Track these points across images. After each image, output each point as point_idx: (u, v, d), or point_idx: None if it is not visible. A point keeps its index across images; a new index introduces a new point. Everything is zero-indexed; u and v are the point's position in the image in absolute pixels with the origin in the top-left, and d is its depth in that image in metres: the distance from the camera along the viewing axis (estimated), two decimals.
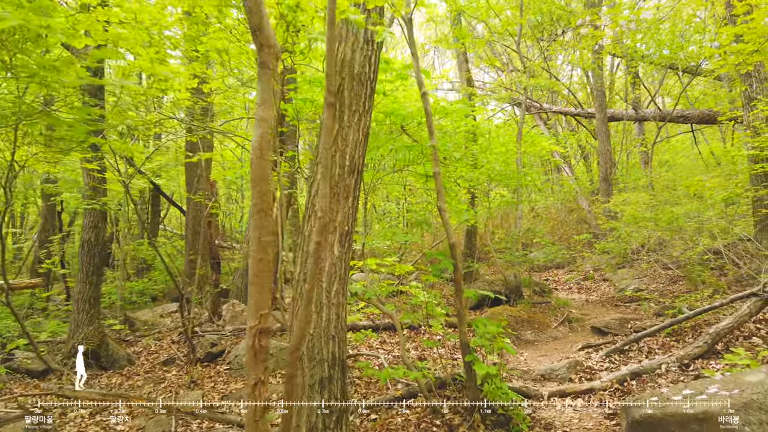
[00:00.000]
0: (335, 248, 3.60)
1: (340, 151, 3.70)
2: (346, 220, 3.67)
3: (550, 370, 6.21)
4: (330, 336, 3.49)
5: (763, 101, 8.29)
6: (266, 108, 1.84)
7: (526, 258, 9.99)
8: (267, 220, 1.76)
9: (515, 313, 8.10)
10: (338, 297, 3.57)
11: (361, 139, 3.77)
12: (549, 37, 13.25)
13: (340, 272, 3.60)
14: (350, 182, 3.71)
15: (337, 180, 3.67)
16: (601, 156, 12.96)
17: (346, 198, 3.68)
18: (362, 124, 3.77)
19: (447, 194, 6.09)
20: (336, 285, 3.57)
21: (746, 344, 6.12)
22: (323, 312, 3.50)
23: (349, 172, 3.71)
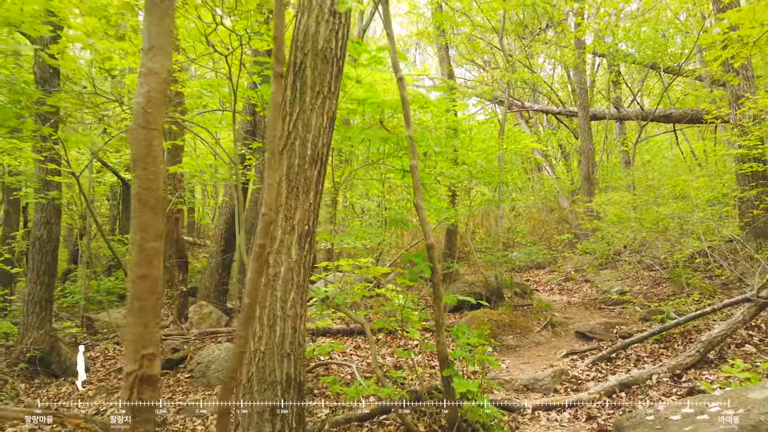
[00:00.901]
0: (293, 251, 3.06)
1: (300, 138, 3.15)
2: (307, 218, 3.13)
3: (534, 380, 5.75)
4: (284, 354, 2.94)
5: (751, 99, 7.95)
6: (156, 56, 1.29)
7: (508, 258, 9.55)
8: (154, 218, 1.22)
9: (496, 316, 7.64)
10: (295, 308, 3.03)
11: (325, 125, 3.23)
12: (532, 31, 12.84)
13: (298, 279, 3.06)
14: (311, 174, 3.16)
15: (296, 171, 3.13)
16: (582, 154, 12.61)
17: (307, 192, 3.14)
18: (327, 107, 3.23)
19: (426, 191, 5.59)
20: (293, 294, 3.02)
21: (739, 353, 5.75)
22: (277, 326, 2.95)
23: (310, 162, 3.16)
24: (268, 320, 2.95)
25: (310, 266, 3.17)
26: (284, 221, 3.07)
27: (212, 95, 5.12)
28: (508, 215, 15.47)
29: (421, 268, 4.05)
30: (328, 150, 3.30)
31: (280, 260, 3.02)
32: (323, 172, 3.25)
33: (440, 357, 4.21)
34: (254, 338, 2.94)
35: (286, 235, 3.06)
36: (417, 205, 4.20)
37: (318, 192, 3.21)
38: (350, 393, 3.64)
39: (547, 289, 11.63)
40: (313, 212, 3.17)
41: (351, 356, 7.22)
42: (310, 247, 3.17)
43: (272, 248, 3.04)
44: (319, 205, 3.25)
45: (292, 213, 3.09)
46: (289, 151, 3.14)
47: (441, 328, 4.21)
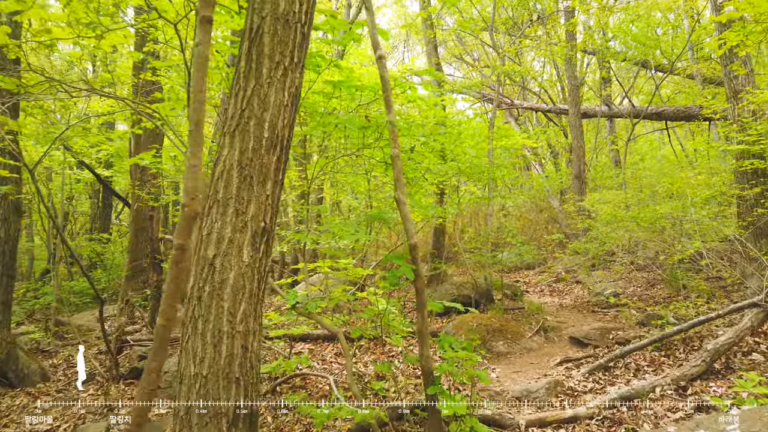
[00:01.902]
0: (245, 252, 2.50)
1: (256, 118, 2.59)
2: (263, 213, 2.57)
3: (527, 392, 5.23)
4: (232, 379, 2.38)
5: (751, 93, 7.50)
6: None
7: (497, 259, 9.04)
8: None
9: (486, 321, 7.12)
10: (247, 322, 2.47)
11: (286, 103, 2.67)
12: (521, 26, 12.35)
13: (251, 287, 2.50)
14: (269, 161, 2.60)
15: (250, 157, 2.57)
16: (573, 152, 12.15)
17: (263, 183, 2.58)
18: (288, 81, 2.67)
19: (410, 185, 5.05)
20: (244, 305, 2.46)
21: (747, 362, 5.27)
22: (223, 344, 2.39)
23: (268, 146, 2.60)
24: (213, 338, 2.39)
25: (266, 271, 2.61)
26: (234, 216, 2.51)
27: (170, 75, 4.53)
28: (497, 215, 14.99)
29: (403, 271, 3.51)
30: (290, 133, 2.74)
31: (228, 264, 2.46)
32: (284, 159, 2.69)
33: (424, 372, 3.68)
34: (194, 360, 2.38)
35: (236, 233, 2.50)
36: (398, 200, 3.66)
37: (277, 182, 2.65)
38: (319, 418, 3.09)
39: (538, 290, 11.15)
40: (271, 206, 2.61)
41: (331, 364, 6.66)
42: (268, 249, 2.61)
43: (219, 250, 2.48)
44: (279, 199, 2.69)
45: (245, 207, 2.53)
46: (242, 133, 2.58)
47: (425, 339, 3.67)
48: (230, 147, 2.58)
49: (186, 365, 2.40)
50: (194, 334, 2.41)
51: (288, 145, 2.72)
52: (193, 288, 2.48)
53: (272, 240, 2.65)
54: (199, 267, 2.48)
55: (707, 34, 11.45)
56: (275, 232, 2.65)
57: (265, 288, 2.61)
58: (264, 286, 2.59)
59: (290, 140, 2.75)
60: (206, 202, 2.58)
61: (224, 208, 2.51)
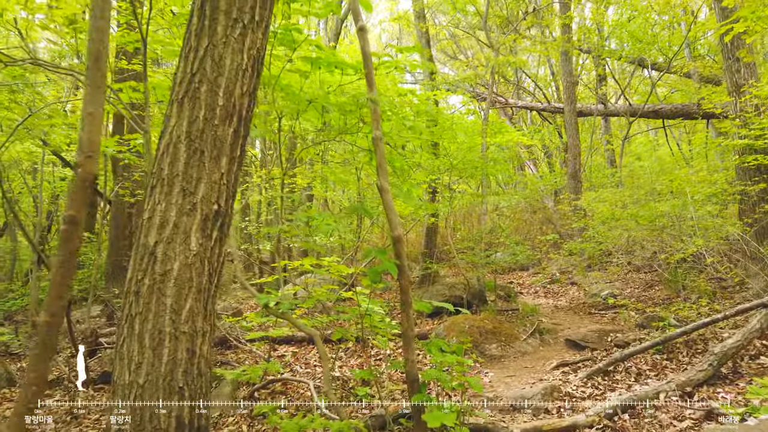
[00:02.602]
0: (192, 239, 2.11)
1: (209, 83, 2.21)
2: (216, 194, 2.19)
3: (522, 398, 4.85)
4: (175, 389, 2.00)
5: (755, 86, 7.20)
6: None
7: (491, 259, 8.69)
8: None
9: (478, 322, 6.74)
10: (193, 321, 2.08)
11: (245, 67, 2.29)
12: (517, 20, 12.03)
13: (200, 280, 2.11)
14: (224, 133, 2.22)
15: (201, 128, 2.19)
16: (569, 151, 11.82)
17: (217, 158, 2.20)
18: (248, 42, 2.29)
19: (396, 176, 4.67)
20: (191, 301, 2.07)
21: (755, 366, 4.93)
22: (165, 348, 2.01)
23: (223, 116, 2.22)
24: (152, 340, 2.00)
25: (221, 262, 2.22)
26: (181, 197, 2.13)
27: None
28: (491, 214, 14.65)
29: (385, 267, 3.13)
30: (251, 103, 2.36)
31: (172, 253, 2.08)
32: (243, 133, 2.31)
33: (409, 379, 3.30)
34: (129, 367, 1.99)
35: (183, 217, 2.11)
36: (380, 188, 3.28)
37: (234, 159, 2.27)
38: (289, 429, 2.70)
39: (532, 291, 10.80)
40: (227, 186, 2.23)
41: (315, 368, 6.27)
42: (222, 236, 2.23)
43: (162, 236, 2.10)
44: (237, 178, 2.31)
45: (194, 186, 2.14)
46: (191, 100, 2.20)
47: (410, 342, 3.29)
48: (178, 117, 2.20)
49: (120, 373, 2.02)
50: (130, 335, 2.02)
51: (248, 116, 2.34)
52: (131, 281, 2.09)
53: (228, 226, 2.26)
54: (138, 256, 2.10)
55: (705, 31, 11.17)
56: (232, 216, 2.27)
57: (219, 282, 2.22)
58: (217, 279, 2.21)
59: (251, 111, 2.37)
60: (149, 180, 2.19)
61: (169, 188, 2.13)
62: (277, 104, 3.45)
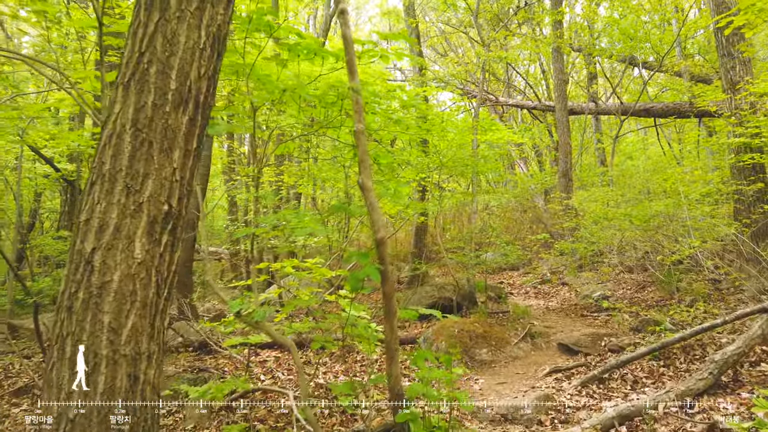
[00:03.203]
0: (137, 245, 1.79)
1: (160, 63, 1.89)
2: (166, 191, 1.87)
3: (514, 408, 4.58)
4: (112, 424, 1.67)
5: (751, 83, 6.98)
6: None
7: (481, 259, 8.41)
8: None
9: (468, 326, 6.46)
10: (138, 341, 1.76)
11: (203, 46, 1.97)
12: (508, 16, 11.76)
13: (145, 293, 1.79)
14: (177, 122, 1.90)
15: (149, 116, 1.86)
16: (560, 149, 11.58)
17: (168, 151, 1.88)
18: (206, 17, 1.97)
19: (383, 174, 4.37)
20: (134, 318, 1.75)
21: (755, 373, 4.69)
22: (100, 374, 1.69)
23: (176, 102, 1.90)
24: (86, 364, 1.68)
25: (173, 271, 1.90)
26: (124, 196, 1.80)
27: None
28: (481, 214, 14.40)
29: (367, 272, 2.83)
30: (211, 87, 2.03)
31: (112, 261, 1.75)
32: (200, 123, 1.99)
33: (392, 394, 3.00)
34: (59, 396, 1.67)
35: (126, 219, 1.79)
36: (362, 186, 2.98)
37: (190, 152, 1.95)
38: None
39: (522, 292, 10.55)
40: (180, 183, 1.91)
41: (303, 368, 5.94)
42: (174, 240, 1.91)
43: (101, 242, 1.77)
44: (194, 174, 1.99)
45: (140, 183, 1.82)
46: (139, 83, 1.87)
47: (394, 354, 2.99)
48: (123, 103, 1.87)
49: (47, 405, 1.69)
50: (60, 359, 1.70)
51: (207, 103, 2.02)
52: (63, 295, 1.77)
53: (182, 229, 1.94)
54: (73, 266, 1.77)
55: (698, 29, 10.99)
56: (186, 218, 1.95)
57: (171, 294, 1.91)
58: (168, 292, 1.89)
59: (211, 97, 2.05)
60: (89, 176, 1.87)
61: (110, 185, 1.81)
62: (251, 95, 3.13)
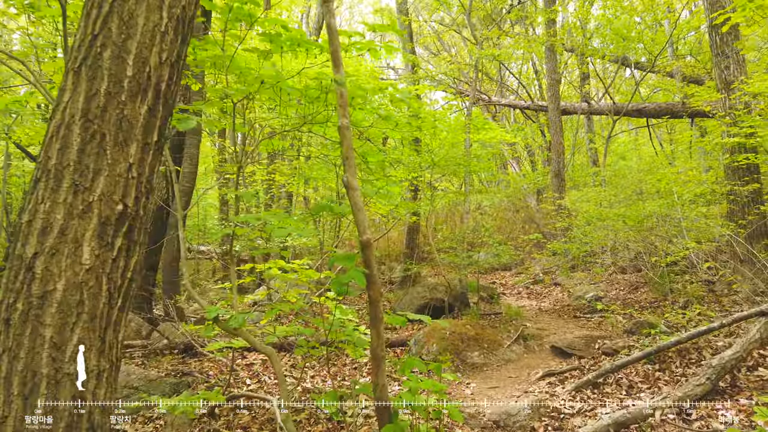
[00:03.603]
0: (85, 250, 1.58)
1: (114, 47, 1.68)
2: (121, 189, 1.66)
3: (506, 415, 4.40)
4: None
5: (746, 83, 6.84)
6: None
7: (473, 259, 8.23)
8: None
9: (460, 328, 6.28)
10: (86, 358, 1.55)
11: (165, 29, 1.76)
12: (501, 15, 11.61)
13: (96, 303, 1.59)
14: (135, 112, 1.69)
15: (102, 105, 1.66)
16: (553, 149, 11.44)
17: (123, 144, 1.67)
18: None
19: (371, 173, 4.17)
20: (79, 332, 1.55)
21: (753, 378, 4.54)
22: (39, 395, 1.48)
23: (133, 90, 1.69)
24: (22, 385, 1.47)
25: (129, 279, 1.70)
26: (71, 195, 1.60)
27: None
28: (473, 214, 14.24)
29: (351, 276, 2.63)
30: (175, 76, 1.83)
31: (56, 268, 1.55)
32: (162, 113, 1.78)
33: (378, 407, 2.81)
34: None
35: (73, 219, 1.58)
36: (347, 184, 2.78)
37: (149, 146, 1.74)
38: None
39: (515, 292, 10.39)
40: (137, 181, 1.70)
41: (285, 379, 5.74)
42: (131, 245, 1.70)
43: (44, 246, 1.56)
44: (155, 171, 1.78)
45: (90, 180, 1.61)
46: (91, 69, 1.66)
47: (380, 363, 2.80)
48: (73, 91, 1.66)
49: None
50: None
51: (170, 92, 1.81)
52: (1, 306, 1.55)
53: (141, 233, 1.74)
54: (12, 273, 1.56)
55: (690, 29, 10.87)
56: (147, 220, 1.74)
57: (128, 304, 1.70)
58: (124, 301, 1.68)
59: (174, 86, 1.84)
60: (34, 173, 1.66)
61: (56, 183, 1.60)
62: (227, 89, 2.92)
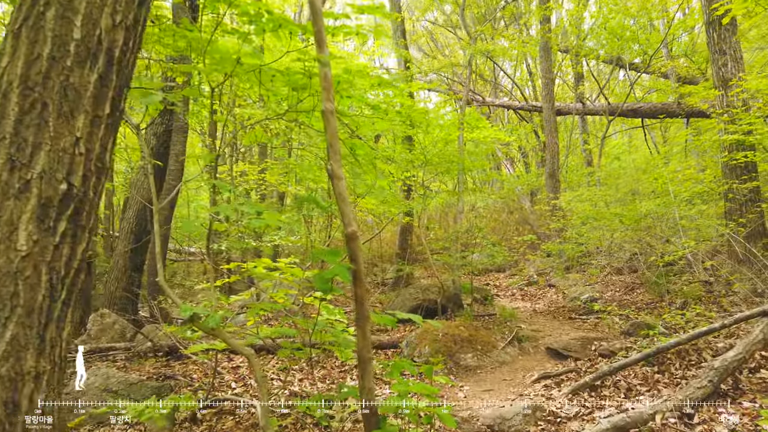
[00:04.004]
0: (21, 234, 1.38)
1: (59, 5, 1.48)
2: (66, 167, 1.46)
3: (501, 419, 4.20)
4: None
5: (744, 80, 6.72)
6: None
7: (467, 260, 8.06)
8: None
9: (453, 330, 6.09)
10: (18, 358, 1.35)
11: None
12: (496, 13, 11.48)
13: (33, 296, 1.38)
14: (83, 80, 1.49)
15: (44, 70, 1.45)
16: (547, 149, 11.28)
17: (69, 116, 1.47)
18: None
19: (359, 165, 3.98)
20: (13, 328, 1.35)
21: (755, 380, 4.37)
22: None
23: (80, 55, 1.49)
24: None
25: (73, 269, 1.49)
26: (6, 171, 1.40)
27: None
28: (467, 215, 14.07)
29: (335, 273, 2.43)
30: (131, 42, 1.63)
31: None
32: (116, 83, 1.58)
33: (365, 414, 2.61)
34: None
35: (8, 200, 1.38)
36: (331, 173, 2.58)
37: (101, 119, 1.54)
38: None
39: (509, 294, 10.21)
40: (85, 158, 1.50)
41: (272, 381, 5.53)
42: (77, 229, 1.49)
43: None
44: (108, 149, 1.58)
45: (29, 155, 1.41)
46: (32, 30, 1.46)
47: (367, 365, 2.60)
48: (12, 55, 1.46)
49: None
50: None
51: (126, 60, 1.61)
52: None
53: (90, 216, 1.53)
54: None
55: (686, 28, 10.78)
56: (98, 204, 1.54)
57: (73, 299, 1.49)
58: (69, 294, 1.47)
59: (131, 54, 1.64)
60: None
61: None
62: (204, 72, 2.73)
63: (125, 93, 1.64)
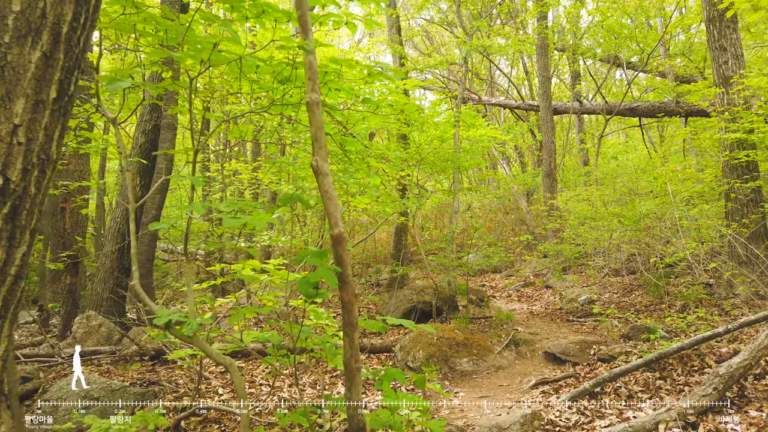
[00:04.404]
0: None
1: None
2: (1, 158, 1.25)
3: (497, 429, 4.02)
4: None
5: (746, 76, 6.57)
6: None
7: (463, 261, 7.88)
8: None
9: (448, 333, 5.91)
10: None
11: None
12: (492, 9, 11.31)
13: None
14: (23, 59, 1.30)
15: None
16: (544, 149, 11.13)
17: (6, 100, 1.27)
18: None
19: (350, 162, 3.78)
20: None
21: (761, 387, 4.20)
22: None
23: (20, 32, 1.30)
24: None
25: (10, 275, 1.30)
26: None
27: None
28: (463, 215, 13.90)
29: (320, 276, 2.25)
30: (82, 18, 1.43)
31: None
32: (64, 63, 1.38)
33: (352, 426, 2.42)
34: None
35: None
36: (316, 169, 2.39)
37: (44, 104, 1.35)
38: None
39: (505, 295, 10.04)
40: (25, 148, 1.31)
41: (260, 387, 5.33)
42: (15, 231, 1.30)
43: None
44: (56, 139, 1.39)
45: None
46: None
47: (354, 376, 2.41)
48: None
49: None
50: None
51: (76, 39, 1.42)
52: None
53: (31, 215, 1.34)
54: None
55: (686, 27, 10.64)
56: (43, 201, 1.34)
57: (12, 309, 1.30)
58: (6, 306, 1.28)
59: (83, 31, 1.44)
60: None
61: None
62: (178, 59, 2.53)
63: (76, 75, 1.45)
